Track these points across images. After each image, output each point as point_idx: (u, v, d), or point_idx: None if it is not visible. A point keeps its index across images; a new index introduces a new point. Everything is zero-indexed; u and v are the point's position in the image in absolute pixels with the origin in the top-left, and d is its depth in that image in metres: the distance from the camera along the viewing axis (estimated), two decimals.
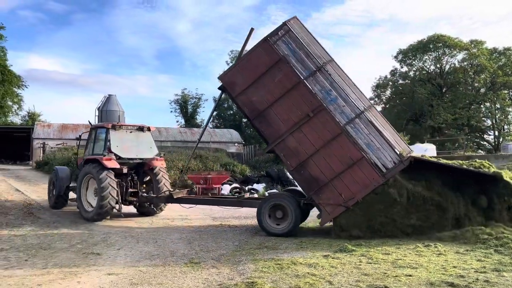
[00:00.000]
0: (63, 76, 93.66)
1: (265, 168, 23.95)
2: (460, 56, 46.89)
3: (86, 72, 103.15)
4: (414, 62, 49.14)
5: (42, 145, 32.00)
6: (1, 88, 40.64)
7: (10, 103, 45.41)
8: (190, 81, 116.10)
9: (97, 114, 13.83)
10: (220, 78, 10.13)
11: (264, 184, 20.12)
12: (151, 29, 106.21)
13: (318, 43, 10.29)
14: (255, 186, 19.66)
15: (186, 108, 54.44)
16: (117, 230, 10.19)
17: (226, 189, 18.14)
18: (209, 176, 17.14)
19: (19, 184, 19.09)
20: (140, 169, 12.51)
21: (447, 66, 47.87)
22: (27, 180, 21.35)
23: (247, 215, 12.54)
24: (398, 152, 9.10)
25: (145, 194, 12.10)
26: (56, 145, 31.28)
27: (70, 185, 12.94)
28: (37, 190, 17.11)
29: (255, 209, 10.07)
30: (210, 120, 54.77)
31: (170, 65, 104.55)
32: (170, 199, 11.48)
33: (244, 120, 41.46)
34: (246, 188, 18.60)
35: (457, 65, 47.07)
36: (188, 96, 54.53)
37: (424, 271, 6.26)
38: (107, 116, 13.62)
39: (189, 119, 52.44)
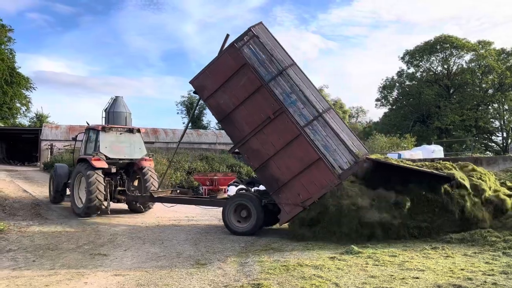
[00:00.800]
0: (70, 78, 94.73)
1: None
2: (467, 57, 46.63)
3: (93, 74, 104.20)
4: (421, 63, 48.90)
5: (50, 147, 32.19)
6: (9, 90, 41.08)
7: (18, 104, 45.88)
8: None
9: (104, 115, 13.97)
10: (190, 82, 10.43)
11: None
12: (157, 30, 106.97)
13: (282, 47, 10.53)
14: (261, 187, 19.56)
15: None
16: (123, 231, 10.25)
17: (232, 191, 18.10)
18: (215, 177, 17.22)
19: (27, 185, 19.23)
20: (130, 168, 13.31)
21: (455, 67, 47.56)
22: (35, 181, 21.49)
23: None
24: (353, 154, 9.27)
25: (132, 193, 12.77)
26: (64, 146, 31.46)
27: (68, 182, 13.55)
28: (44, 191, 17.20)
29: None
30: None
31: (176, 66, 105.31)
32: (151, 198, 12.01)
33: None
34: (252, 190, 18.56)
35: (464, 66, 46.75)
36: (194, 98, 54.71)
37: (431, 273, 6.22)
38: (114, 118, 13.79)
39: (196, 121, 52.57)
